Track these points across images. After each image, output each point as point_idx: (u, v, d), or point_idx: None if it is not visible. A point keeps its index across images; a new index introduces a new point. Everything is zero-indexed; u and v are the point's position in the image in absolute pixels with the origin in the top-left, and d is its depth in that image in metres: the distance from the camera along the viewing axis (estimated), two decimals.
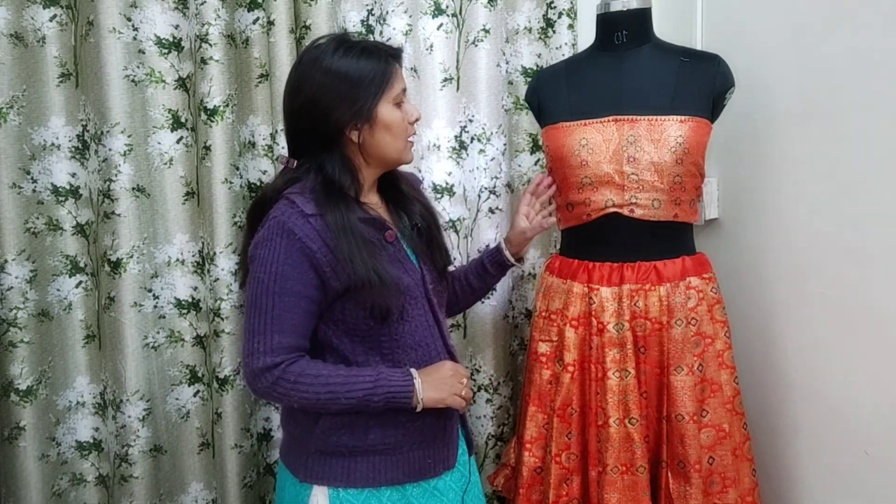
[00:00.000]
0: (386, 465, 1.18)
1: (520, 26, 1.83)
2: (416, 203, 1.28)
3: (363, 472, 1.18)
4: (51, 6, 1.53)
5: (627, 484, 1.37)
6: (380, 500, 1.18)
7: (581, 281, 1.42)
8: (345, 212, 1.13)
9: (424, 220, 1.27)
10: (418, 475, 1.20)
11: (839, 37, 1.32)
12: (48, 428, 1.61)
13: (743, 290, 1.59)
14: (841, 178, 1.33)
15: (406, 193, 1.29)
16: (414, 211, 1.27)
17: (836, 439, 1.38)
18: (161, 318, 1.65)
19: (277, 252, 1.10)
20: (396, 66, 1.20)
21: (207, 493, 1.70)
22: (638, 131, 1.37)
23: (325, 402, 1.11)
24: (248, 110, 1.66)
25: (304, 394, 1.10)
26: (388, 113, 1.18)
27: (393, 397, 1.13)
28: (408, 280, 1.19)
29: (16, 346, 1.55)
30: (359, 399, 1.11)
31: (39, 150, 1.56)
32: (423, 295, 1.22)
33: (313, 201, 1.13)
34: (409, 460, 1.19)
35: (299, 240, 1.10)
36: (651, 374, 1.39)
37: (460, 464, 1.27)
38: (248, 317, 1.12)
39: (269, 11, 1.61)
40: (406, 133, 1.22)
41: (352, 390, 1.11)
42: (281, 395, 1.11)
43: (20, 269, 1.55)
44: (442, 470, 1.22)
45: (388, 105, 1.18)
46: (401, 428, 1.18)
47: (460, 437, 1.29)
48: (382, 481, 1.18)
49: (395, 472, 1.19)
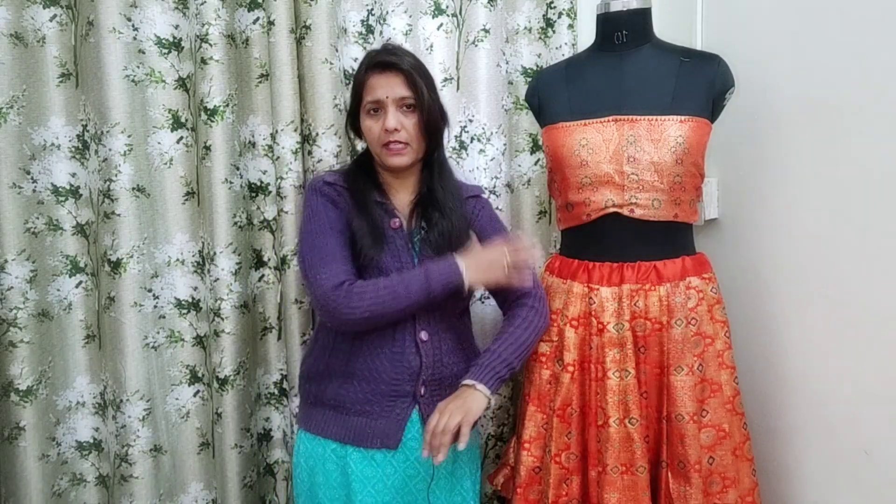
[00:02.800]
0: (332, 420, 1.38)
1: (520, 26, 1.83)
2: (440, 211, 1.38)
3: (317, 421, 1.40)
4: (51, 6, 1.53)
5: (627, 484, 1.37)
6: (325, 450, 1.39)
7: (581, 281, 1.42)
8: (363, 189, 1.38)
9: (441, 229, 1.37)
10: (356, 441, 1.35)
11: (839, 37, 1.32)
12: (48, 428, 1.61)
13: (743, 290, 1.59)
14: (841, 177, 1.33)
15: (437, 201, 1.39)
16: (433, 218, 1.38)
17: (836, 439, 1.38)
18: (161, 318, 1.65)
19: (314, 206, 1.37)
20: (373, 77, 1.36)
21: (207, 493, 1.70)
22: (638, 131, 1.37)
23: (391, 303, 1.27)
24: (248, 110, 1.65)
25: (373, 297, 1.26)
26: (362, 122, 1.40)
27: (443, 279, 1.28)
28: (392, 263, 1.34)
29: (16, 346, 1.55)
30: (418, 291, 1.27)
31: (39, 150, 1.56)
32: None
33: (339, 174, 1.43)
34: (351, 423, 1.36)
35: (326, 195, 1.37)
36: (651, 374, 1.39)
37: (408, 449, 1.36)
38: (306, 261, 1.32)
39: (270, 11, 1.61)
40: (376, 141, 1.37)
41: (409, 286, 1.27)
42: (354, 306, 1.26)
43: (20, 269, 1.55)
44: (380, 445, 1.35)
45: (363, 115, 1.39)
46: (351, 390, 1.35)
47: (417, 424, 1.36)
48: (328, 434, 1.38)
49: (338, 430, 1.37)
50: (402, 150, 1.36)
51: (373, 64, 1.36)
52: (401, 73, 1.34)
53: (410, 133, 1.36)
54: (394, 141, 1.34)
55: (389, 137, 1.34)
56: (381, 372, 1.34)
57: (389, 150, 1.35)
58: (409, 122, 1.36)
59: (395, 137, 1.34)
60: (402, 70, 1.34)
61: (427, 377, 1.36)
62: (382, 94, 1.34)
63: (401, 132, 1.34)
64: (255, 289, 1.71)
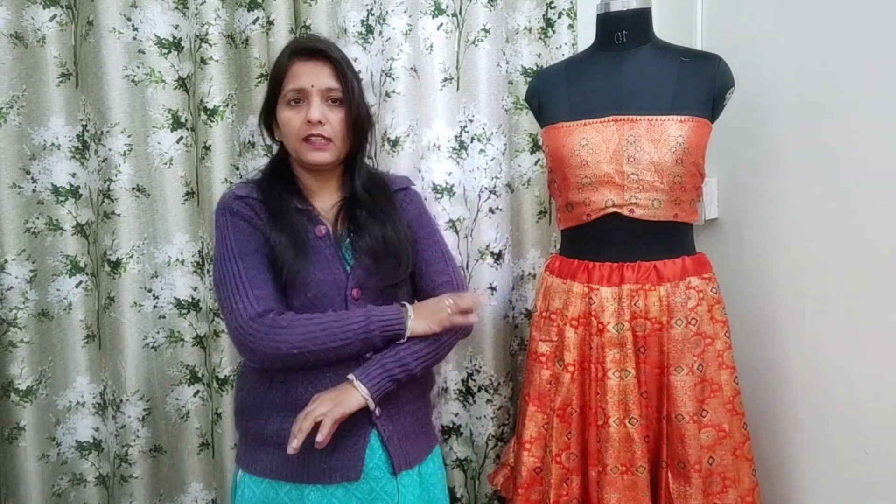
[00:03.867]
0: (283, 459, 1.17)
1: (520, 26, 1.83)
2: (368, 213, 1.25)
3: (263, 462, 1.21)
4: (51, 6, 1.54)
5: (627, 484, 1.37)
6: (278, 494, 1.20)
7: (581, 281, 1.42)
8: (278, 198, 1.22)
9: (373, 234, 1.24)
10: (313, 478, 1.18)
11: (839, 37, 1.32)
12: (48, 428, 1.61)
13: (743, 290, 1.59)
14: (841, 177, 1.33)
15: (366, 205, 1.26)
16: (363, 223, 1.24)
17: (836, 439, 1.38)
18: (161, 318, 1.65)
19: (225, 227, 1.20)
20: (297, 65, 1.21)
21: (207, 493, 1.70)
22: (638, 131, 1.37)
23: (324, 341, 1.13)
24: (247, 110, 1.66)
25: (302, 335, 1.12)
26: (279, 113, 1.24)
27: (387, 326, 1.15)
28: (321, 276, 1.19)
29: (16, 346, 1.55)
30: (355, 332, 1.13)
31: (39, 150, 1.56)
32: (340, 294, 1.20)
33: (252, 185, 1.25)
34: (306, 461, 1.17)
35: (238, 212, 1.20)
36: (651, 374, 1.39)
37: (372, 478, 1.20)
38: (222, 288, 1.16)
39: (269, 11, 1.61)
40: (295, 133, 1.21)
41: (347, 326, 1.13)
42: (277, 341, 1.11)
43: (20, 269, 1.55)
44: (340, 479, 1.18)
45: (281, 104, 1.23)
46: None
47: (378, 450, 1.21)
48: (280, 475, 1.20)
49: (292, 470, 1.19)
50: (325, 146, 1.21)
51: (298, 50, 1.22)
52: (329, 62, 1.21)
53: (335, 129, 1.21)
54: (316, 134, 1.20)
55: (311, 130, 1.19)
56: None
57: (310, 143, 1.20)
58: (335, 116, 1.21)
59: (317, 131, 1.19)
60: (332, 60, 1.22)
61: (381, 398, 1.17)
62: (307, 83, 1.20)
63: (325, 126, 1.20)
64: None
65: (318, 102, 1.20)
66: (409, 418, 1.25)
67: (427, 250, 1.30)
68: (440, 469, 1.34)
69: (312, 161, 1.22)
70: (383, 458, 1.21)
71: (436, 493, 1.30)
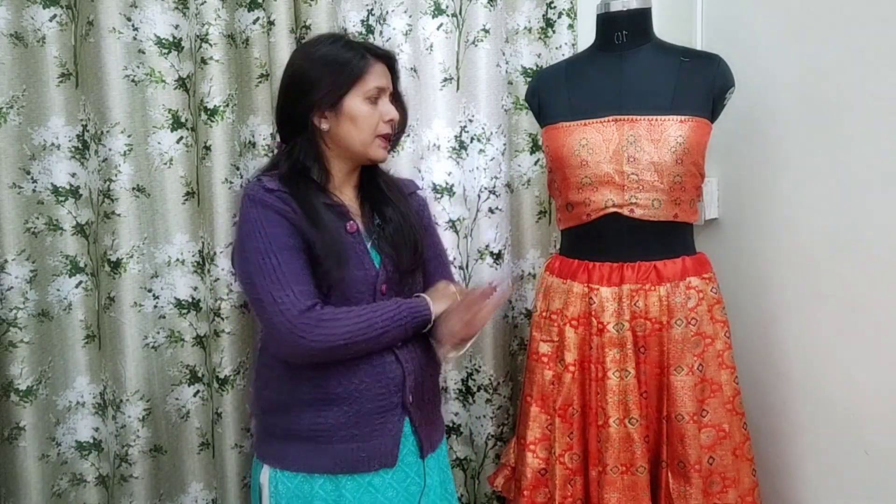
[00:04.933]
0: (317, 452, 1.21)
1: (520, 26, 1.83)
2: (391, 205, 1.29)
3: (296, 457, 1.22)
4: (51, 6, 1.53)
5: (627, 484, 1.37)
6: (312, 487, 1.21)
7: (581, 281, 1.42)
8: (306, 194, 1.20)
9: (395, 224, 1.27)
10: (351, 468, 1.21)
11: (839, 37, 1.32)
12: (48, 428, 1.61)
13: (743, 290, 1.59)
14: (841, 177, 1.33)
15: (385, 194, 1.30)
16: (386, 212, 1.28)
17: (836, 439, 1.38)
18: (161, 318, 1.65)
19: (258, 220, 1.17)
20: (376, 64, 1.24)
21: (207, 493, 1.70)
22: (638, 131, 1.37)
23: (365, 331, 1.16)
24: (248, 110, 1.66)
25: (346, 327, 1.15)
26: (355, 105, 1.22)
27: (414, 311, 1.21)
28: (356, 273, 1.21)
29: (16, 346, 1.55)
30: (391, 320, 1.18)
31: (39, 150, 1.56)
32: (370, 292, 1.23)
33: (279, 178, 1.21)
34: (341, 451, 1.20)
35: (271, 206, 1.17)
36: (651, 374, 1.39)
37: (405, 464, 1.25)
38: (258, 284, 1.15)
39: (270, 11, 1.61)
40: (374, 129, 1.24)
41: (383, 315, 1.18)
42: (326, 334, 1.14)
43: (20, 269, 1.55)
44: (378, 466, 1.22)
45: (357, 98, 1.22)
46: (332, 416, 1.20)
47: (410, 436, 1.26)
48: (314, 468, 1.21)
49: (326, 462, 1.21)
50: (388, 145, 1.28)
51: (376, 52, 1.26)
52: (391, 67, 1.28)
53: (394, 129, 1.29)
54: (389, 135, 1.26)
55: (388, 129, 1.25)
56: (363, 391, 1.21)
57: (382, 141, 1.26)
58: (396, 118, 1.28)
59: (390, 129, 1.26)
60: (394, 65, 1.29)
61: (411, 385, 1.25)
62: (385, 83, 1.25)
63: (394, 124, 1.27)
64: None
65: (390, 103, 1.26)
66: (430, 404, 1.32)
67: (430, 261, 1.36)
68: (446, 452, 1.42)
69: (379, 158, 1.27)
70: (414, 444, 1.27)
71: (448, 474, 1.39)
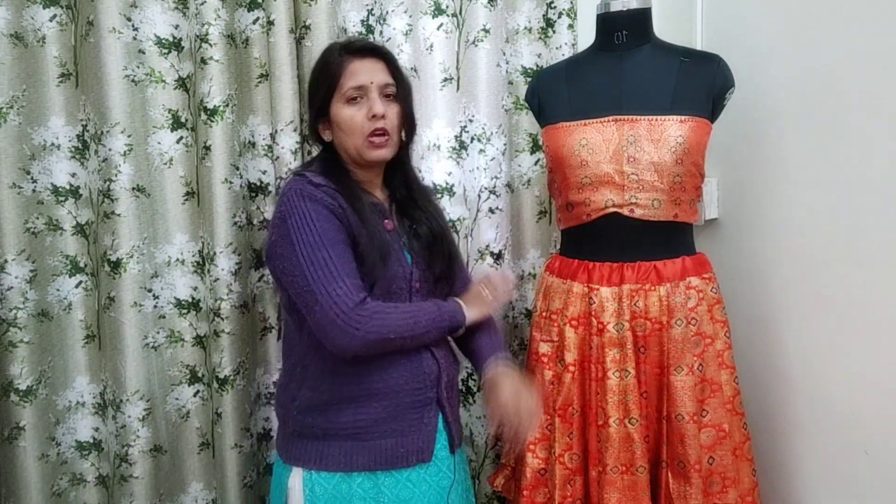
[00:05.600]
0: (357, 450, 1.22)
1: (520, 26, 1.83)
2: (422, 211, 1.33)
3: (335, 456, 1.22)
4: (51, 6, 1.53)
5: (627, 484, 1.37)
6: (350, 486, 1.22)
7: (581, 281, 1.42)
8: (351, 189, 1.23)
9: (428, 229, 1.31)
10: (390, 464, 1.22)
11: (839, 37, 1.32)
12: (48, 428, 1.61)
13: (743, 290, 1.59)
14: (841, 177, 1.33)
15: (417, 201, 1.34)
16: (418, 217, 1.32)
17: (836, 439, 1.38)
18: (161, 318, 1.65)
19: (308, 214, 1.17)
20: (352, 63, 1.23)
21: (207, 493, 1.70)
22: (638, 131, 1.37)
23: (412, 327, 1.19)
24: (248, 110, 1.66)
25: (397, 320, 1.18)
26: (337, 111, 1.24)
27: (452, 315, 1.25)
28: (396, 269, 1.24)
29: (16, 346, 1.55)
30: (432, 321, 1.22)
31: (39, 150, 1.56)
32: (407, 289, 1.26)
33: (321, 174, 1.23)
34: (381, 448, 1.22)
35: (320, 200, 1.18)
36: (651, 374, 1.39)
37: (438, 459, 1.28)
38: (312, 276, 1.14)
39: (269, 11, 1.61)
40: (359, 130, 1.23)
41: (426, 315, 1.22)
42: (378, 325, 1.16)
43: (20, 269, 1.55)
44: (415, 461, 1.24)
45: (338, 103, 1.24)
46: (372, 411, 1.22)
47: (443, 431, 1.30)
48: (353, 466, 1.22)
49: (366, 459, 1.22)
50: (386, 142, 1.25)
51: (353, 48, 1.26)
52: (382, 59, 1.27)
53: (392, 123, 1.25)
54: (379, 130, 1.23)
55: (375, 124, 1.22)
56: (402, 385, 1.23)
57: (373, 142, 1.23)
58: (391, 111, 1.25)
59: (380, 124, 1.23)
60: (385, 57, 1.27)
61: (445, 381, 1.29)
62: (366, 79, 1.23)
63: (386, 119, 1.24)
64: (254, 289, 1.71)
65: (377, 97, 1.23)
66: (455, 401, 1.36)
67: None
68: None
69: (375, 158, 1.26)
70: (445, 439, 1.30)
71: (468, 468, 1.44)
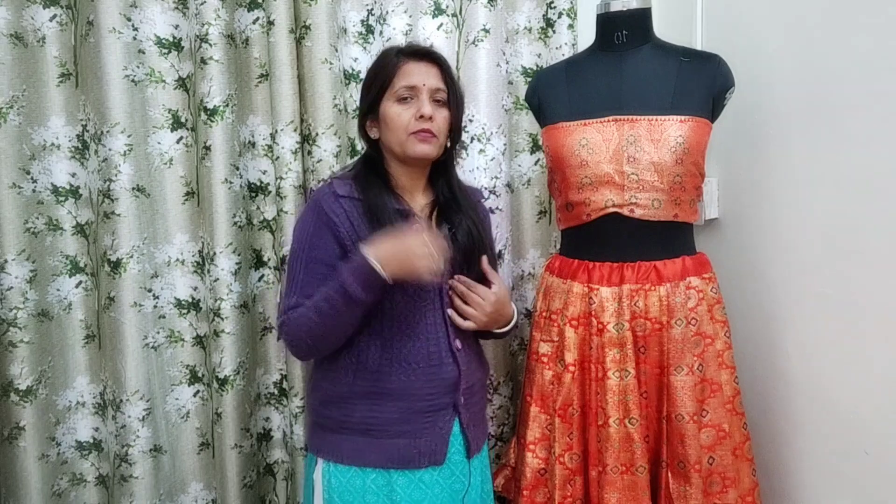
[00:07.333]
0: (369, 446, 1.26)
1: (520, 26, 1.83)
2: (463, 215, 1.34)
3: (349, 450, 1.27)
4: (51, 6, 1.53)
5: (627, 484, 1.37)
6: (364, 481, 1.25)
7: (581, 281, 1.42)
8: (379, 194, 1.27)
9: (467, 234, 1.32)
10: (401, 463, 1.25)
11: (839, 37, 1.32)
12: (48, 428, 1.61)
13: (743, 290, 1.58)
14: (841, 177, 1.33)
15: (460, 204, 1.35)
16: (458, 221, 1.33)
17: (836, 439, 1.38)
18: (161, 318, 1.65)
19: (308, 225, 1.27)
20: (407, 64, 1.29)
21: (207, 493, 1.70)
22: (638, 131, 1.37)
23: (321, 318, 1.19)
24: (248, 110, 1.66)
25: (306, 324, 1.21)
26: (386, 108, 1.30)
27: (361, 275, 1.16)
28: None
29: (16, 346, 1.55)
30: (338, 294, 1.17)
31: (39, 150, 1.56)
32: (436, 291, 1.29)
33: (351, 182, 1.29)
34: (393, 447, 1.25)
35: (326, 214, 1.25)
36: (651, 374, 1.39)
37: (452, 463, 1.29)
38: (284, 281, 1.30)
39: (269, 11, 1.61)
40: (406, 127, 1.28)
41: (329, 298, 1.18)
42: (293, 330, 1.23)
43: (20, 269, 1.55)
44: (427, 464, 1.26)
45: (389, 101, 1.30)
46: (385, 410, 1.25)
47: (458, 436, 1.30)
48: (367, 462, 1.26)
49: (378, 456, 1.25)
50: (431, 139, 1.28)
51: (410, 51, 1.31)
52: (437, 64, 1.31)
53: (440, 127, 1.29)
54: (426, 131, 1.27)
55: (422, 125, 1.27)
56: (417, 388, 1.26)
57: (418, 136, 1.27)
58: (440, 115, 1.30)
59: (427, 126, 1.27)
60: (440, 63, 1.32)
61: (465, 386, 1.30)
62: (419, 81, 1.28)
63: (433, 122, 1.28)
64: (254, 289, 1.71)
65: (427, 100, 1.28)
66: (477, 406, 1.37)
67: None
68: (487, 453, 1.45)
69: (419, 154, 1.29)
70: (461, 443, 1.31)
71: (488, 474, 1.43)
